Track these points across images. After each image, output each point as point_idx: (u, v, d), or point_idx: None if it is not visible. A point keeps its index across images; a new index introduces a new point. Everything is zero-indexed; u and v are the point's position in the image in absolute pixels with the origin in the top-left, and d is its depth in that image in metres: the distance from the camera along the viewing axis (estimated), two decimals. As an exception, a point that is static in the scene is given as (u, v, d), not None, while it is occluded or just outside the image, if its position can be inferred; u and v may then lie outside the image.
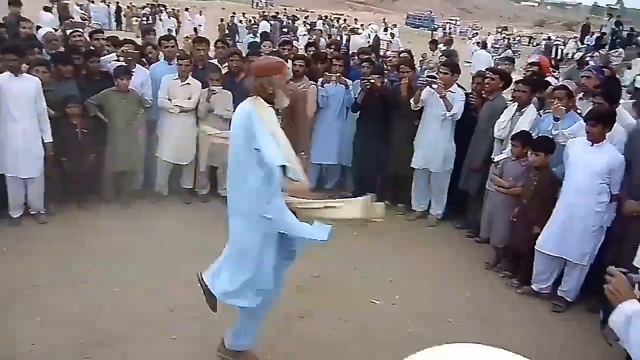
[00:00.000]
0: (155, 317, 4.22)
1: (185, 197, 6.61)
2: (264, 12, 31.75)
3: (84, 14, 20.78)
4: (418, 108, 6.22)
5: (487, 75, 6.20)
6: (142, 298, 4.49)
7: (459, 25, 45.34)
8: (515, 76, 7.18)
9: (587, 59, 13.67)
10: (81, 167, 5.88)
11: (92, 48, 6.61)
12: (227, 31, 23.26)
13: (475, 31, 38.86)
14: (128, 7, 29.40)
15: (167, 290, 4.63)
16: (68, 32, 7.30)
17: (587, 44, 19.97)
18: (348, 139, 6.78)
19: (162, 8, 28.14)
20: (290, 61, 7.20)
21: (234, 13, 29.12)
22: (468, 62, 20.49)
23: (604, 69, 6.43)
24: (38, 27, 8.16)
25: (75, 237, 5.47)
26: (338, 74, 6.67)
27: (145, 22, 23.86)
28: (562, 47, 24.40)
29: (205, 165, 6.51)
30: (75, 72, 6.04)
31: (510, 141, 5.34)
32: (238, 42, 14.13)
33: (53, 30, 7.38)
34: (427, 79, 6.04)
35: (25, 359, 3.67)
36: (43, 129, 5.48)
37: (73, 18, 14.54)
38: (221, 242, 5.59)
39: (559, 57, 20.97)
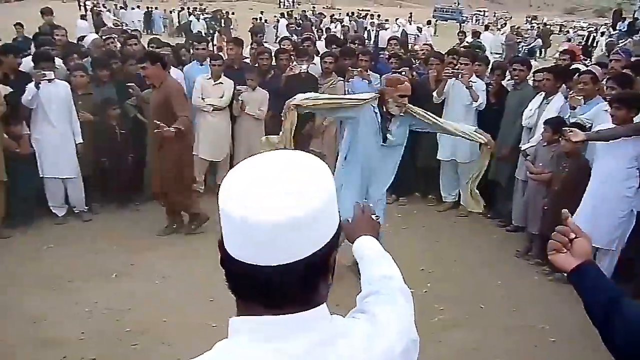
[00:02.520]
0: (197, 306, 4.41)
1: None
2: (289, 11, 31.92)
3: (117, 20, 21.26)
4: (440, 101, 6.30)
5: (515, 67, 6.25)
6: (183, 288, 4.70)
7: (487, 17, 44.80)
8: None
9: (619, 44, 13.46)
10: (121, 167, 6.13)
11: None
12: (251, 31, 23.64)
13: (504, 21, 38.38)
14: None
15: (206, 280, 4.81)
16: (104, 38, 7.58)
17: (620, 30, 19.59)
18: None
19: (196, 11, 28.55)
20: (318, 57, 7.37)
21: (261, 12, 29.43)
22: (498, 53, 20.32)
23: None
24: (82, 37, 8.52)
25: (117, 233, 5.72)
26: (360, 69, 6.78)
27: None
28: (595, 34, 23.97)
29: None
30: (113, 76, 6.30)
31: (542, 126, 5.37)
32: (265, 42, 14.27)
33: (100, 38, 7.66)
34: (453, 70, 6.11)
35: (76, 345, 3.90)
36: (74, 131, 5.76)
37: (106, 25, 14.93)
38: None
39: (594, 45, 20.58)
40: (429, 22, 28.08)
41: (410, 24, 25.53)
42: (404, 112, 4.51)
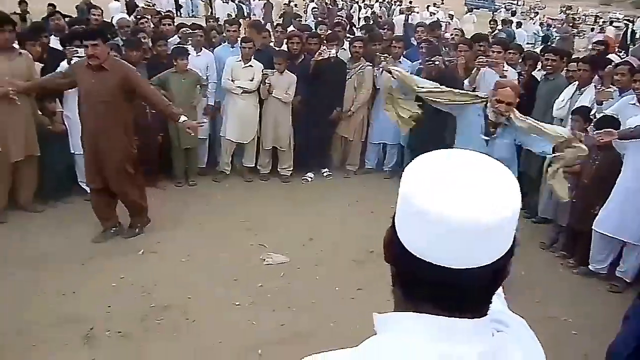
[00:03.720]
0: (220, 285, 4.49)
1: (247, 175, 6.87)
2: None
3: (149, 2, 21.35)
4: (471, 89, 6.23)
5: (548, 57, 6.16)
6: (207, 268, 4.77)
7: (519, 6, 43.93)
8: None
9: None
10: (150, 146, 6.20)
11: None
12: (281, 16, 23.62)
13: (536, 11, 37.70)
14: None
15: (230, 261, 4.89)
16: (138, 17, 7.66)
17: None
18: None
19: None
20: (347, 42, 7.35)
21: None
22: (530, 44, 19.97)
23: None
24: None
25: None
26: (385, 56, 6.73)
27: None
28: (632, 26, 23.26)
29: (270, 145, 6.74)
30: (144, 56, 6.36)
31: (571, 116, 5.28)
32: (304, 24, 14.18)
33: (127, 17, 7.76)
34: (487, 59, 6.03)
35: (103, 319, 4.00)
36: None
37: (138, 6, 15.03)
38: (276, 218, 5.83)
39: (628, 41, 19.91)
40: (470, 10, 27.62)
41: (437, 11, 25.12)
42: (507, 121, 4.25)
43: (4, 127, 5.16)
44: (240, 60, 6.44)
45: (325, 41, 6.96)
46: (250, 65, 6.44)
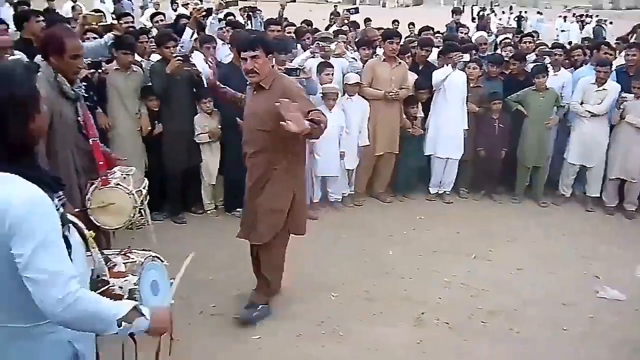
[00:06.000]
0: (549, 306, 4.45)
1: (589, 205, 6.55)
2: None
3: (500, 24, 21.72)
4: None
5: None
6: (535, 285, 4.76)
7: None
8: None
9: None
10: (493, 159, 6.44)
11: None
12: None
13: None
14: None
15: (561, 285, 4.81)
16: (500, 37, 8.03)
17: None
18: None
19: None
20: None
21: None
22: None
23: None
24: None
25: (476, 219, 6.13)
26: None
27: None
28: None
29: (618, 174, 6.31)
30: (502, 72, 6.63)
31: None
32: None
33: (485, 35, 8.21)
34: None
35: (433, 308, 4.34)
36: (463, 117, 6.27)
37: (489, 28, 15.69)
38: (615, 252, 5.51)
39: None
40: None
41: None
42: None
43: (376, 122, 6.04)
44: (594, 83, 6.20)
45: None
46: (604, 89, 6.13)
